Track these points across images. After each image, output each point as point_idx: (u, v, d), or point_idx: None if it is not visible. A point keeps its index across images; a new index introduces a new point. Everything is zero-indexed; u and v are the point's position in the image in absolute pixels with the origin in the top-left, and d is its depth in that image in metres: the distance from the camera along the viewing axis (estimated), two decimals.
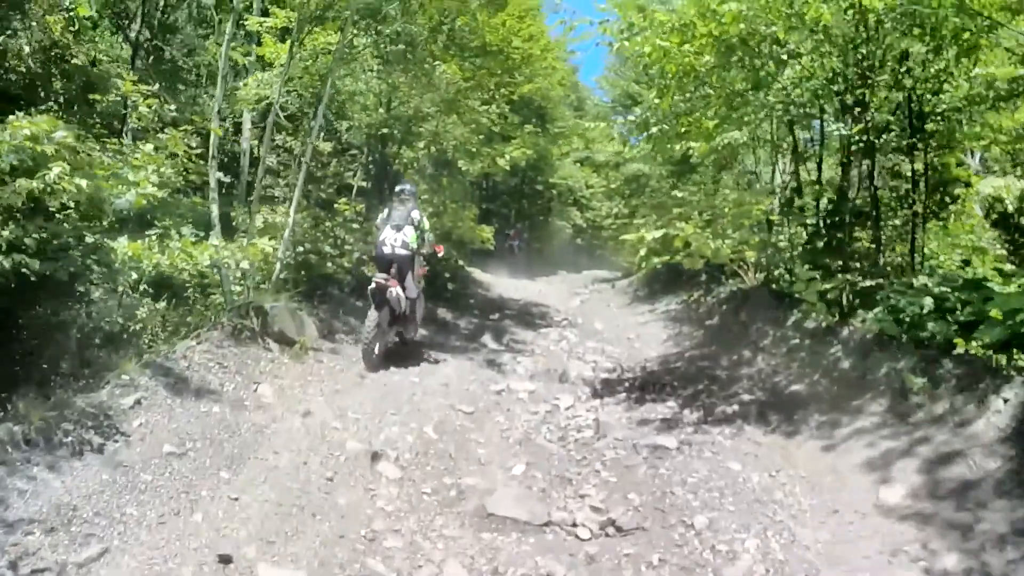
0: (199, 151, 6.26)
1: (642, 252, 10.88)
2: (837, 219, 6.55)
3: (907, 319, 4.72)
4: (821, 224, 6.79)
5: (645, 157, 16.02)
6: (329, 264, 7.86)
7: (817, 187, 7.09)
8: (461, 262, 12.81)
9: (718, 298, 8.87)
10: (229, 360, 4.88)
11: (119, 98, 5.85)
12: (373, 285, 5.87)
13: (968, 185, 8.10)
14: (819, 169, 7.49)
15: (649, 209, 16.69)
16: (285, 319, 5.69)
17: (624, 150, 16.89)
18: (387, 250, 6.06)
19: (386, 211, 6.36)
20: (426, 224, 6.42)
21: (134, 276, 4.76)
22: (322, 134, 15.22)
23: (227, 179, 8.29)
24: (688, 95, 6.70)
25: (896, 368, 4.52)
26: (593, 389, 6.16)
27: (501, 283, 14.54)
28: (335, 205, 9.45)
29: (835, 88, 6.13)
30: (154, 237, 5.18)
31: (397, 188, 6.50)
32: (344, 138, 14.65)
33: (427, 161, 13.95)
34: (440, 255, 7.10)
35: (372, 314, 5.84)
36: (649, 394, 5.84)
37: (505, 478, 4.06)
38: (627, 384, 6.27)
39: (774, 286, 8.13)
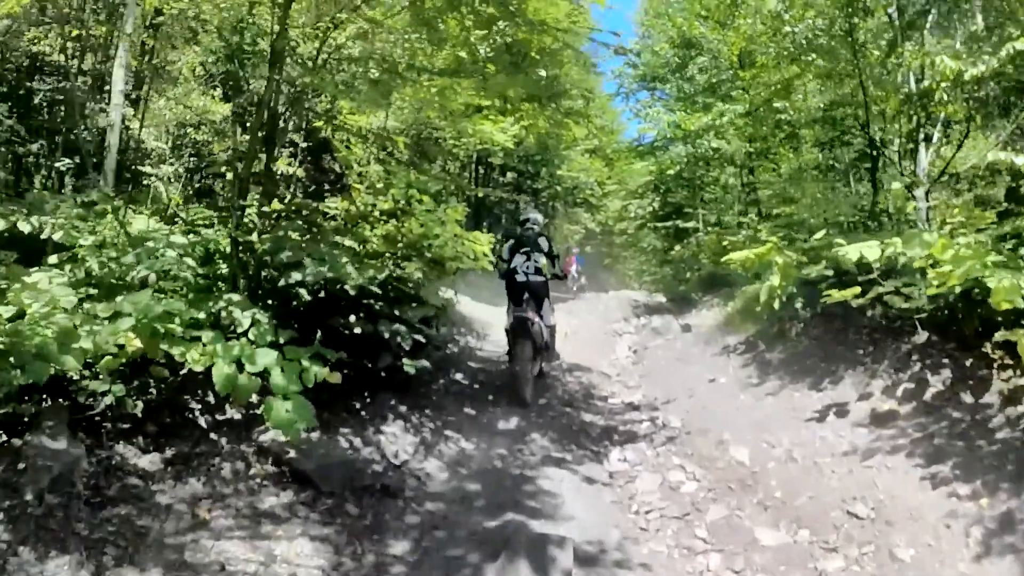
0: None
1: (774, 279, 6.03)
2: None
3: None
4: None
5: (725, 129, 10.87)
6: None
7: None
8: (449, 296, 7.30)
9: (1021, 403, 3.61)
10: None
11: None
12: (511, 320, 5.63)
13: None
14: None
15: (725, 207, 11.56)
16: None
17: (683, 120, 11.70)
18: (520, 278, 5.83)
19: (511, 240, 6.16)
20: (556, 249, 6.40)
21: None
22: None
23: None
24: None
25: None
26: None
27: (503, 322, 9.25)
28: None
29: None
30: None
31: (523, 217, 6.44)
32: (255, 94, 9.28)
33: (381, 128, 8.68)
34: (567, 275, 6.67)
35: (517, 350, 5.44)
36: None
37: None
38: None
39: None
